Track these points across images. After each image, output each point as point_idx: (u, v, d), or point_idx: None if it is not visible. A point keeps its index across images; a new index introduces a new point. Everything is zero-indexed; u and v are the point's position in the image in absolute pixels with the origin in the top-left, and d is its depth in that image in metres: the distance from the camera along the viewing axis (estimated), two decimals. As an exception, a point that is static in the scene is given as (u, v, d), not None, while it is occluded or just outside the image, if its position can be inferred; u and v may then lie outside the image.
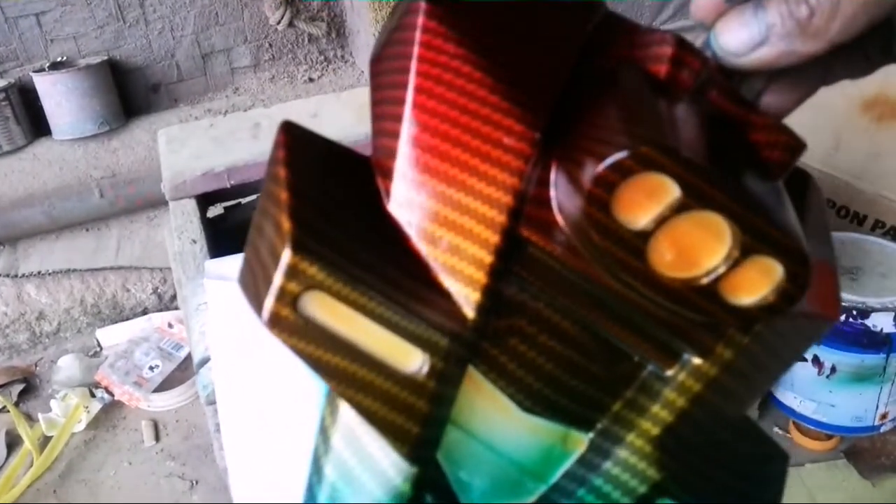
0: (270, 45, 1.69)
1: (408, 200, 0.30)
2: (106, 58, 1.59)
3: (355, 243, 0.29)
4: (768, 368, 0.34)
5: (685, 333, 0.31)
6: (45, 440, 1.43)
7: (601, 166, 0.26)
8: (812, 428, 1.28)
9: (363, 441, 0.30)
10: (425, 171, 0.29)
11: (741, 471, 0.36)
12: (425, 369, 0.29)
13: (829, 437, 1.28)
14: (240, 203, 1.26)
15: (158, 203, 1.56)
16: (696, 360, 0.31)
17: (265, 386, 0.69)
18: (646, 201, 0.27)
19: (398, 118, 0.30)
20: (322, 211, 0.29)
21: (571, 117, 0.29)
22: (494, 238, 0.29)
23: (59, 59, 1.58)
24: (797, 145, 0.31)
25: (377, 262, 0.29)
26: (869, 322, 1.13)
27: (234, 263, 0.84)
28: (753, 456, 0.36)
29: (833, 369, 1.20)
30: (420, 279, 0.29)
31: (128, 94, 1.64)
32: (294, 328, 0.27)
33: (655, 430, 0.32)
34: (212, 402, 0.72)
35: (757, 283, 0.28)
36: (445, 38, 0.29)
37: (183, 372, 1.55)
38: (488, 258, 0.29)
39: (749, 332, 0.31)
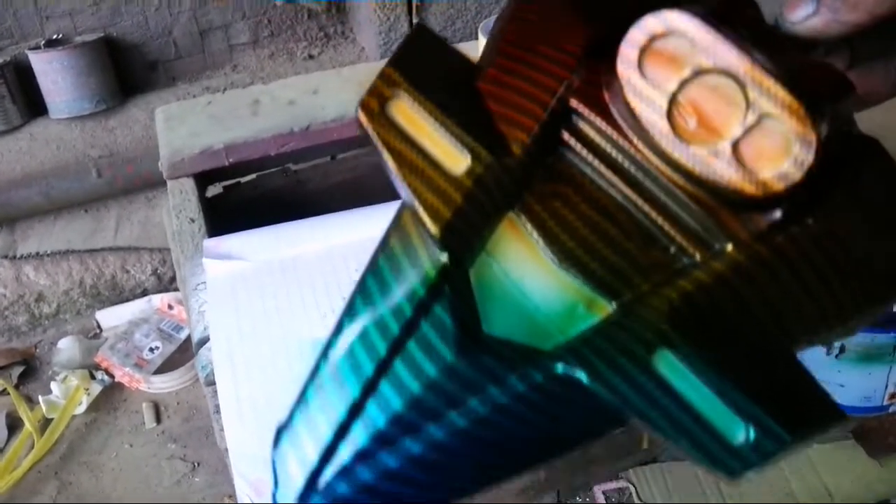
0: (269, 22, 1.66)
1: (490, 76, 0.38)
2: (102, 35, 1.56)
3: (441, 83, 0.37)
4: (808, 290, 0.34)
5: (719, 216, 0.34)
6: (46, 422, 1.42)
7: (632, 28, 0.31)
8: (820, 408, 1.27)
9: (412, 238, 0.38)
10: (503, 52, 0.38)
11: (759, 376, 0.36)
12: (467, 170, 0.36)
13: (837, 417, 1.27)
14: (239, 182, 1.24)
15: (157, 183, 1.54)
16: (728, 247, 0.33)
17: (265, 365, 0.68)
18: (670, 66, 0.32)
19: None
20: (421, 62, 0.38)
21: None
22: (547, 99, 0.36)
23: (54, 37, 1.55)
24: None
25: (453, 97, 0.37)
26: (879, 300, 1.12)
27: (232, 242, 0.82)
28: (784, 383, 0.36)
29: (842, 349, 1.18)
30: (486, 122, 0.37)
31: (125, 72, 1.61)
32: (377, 119, 0.36)
33: (674, 295, 0.35)
34: (211, 383, 0.71)
35: (772, 153, 0.31)
36: None
37: (183, 353, 1.53)
38: (541, 114, 0.36)
39: (786, 226, 0.33)
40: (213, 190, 1.22)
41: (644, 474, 1.20)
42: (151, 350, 1.54)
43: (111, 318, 1.67)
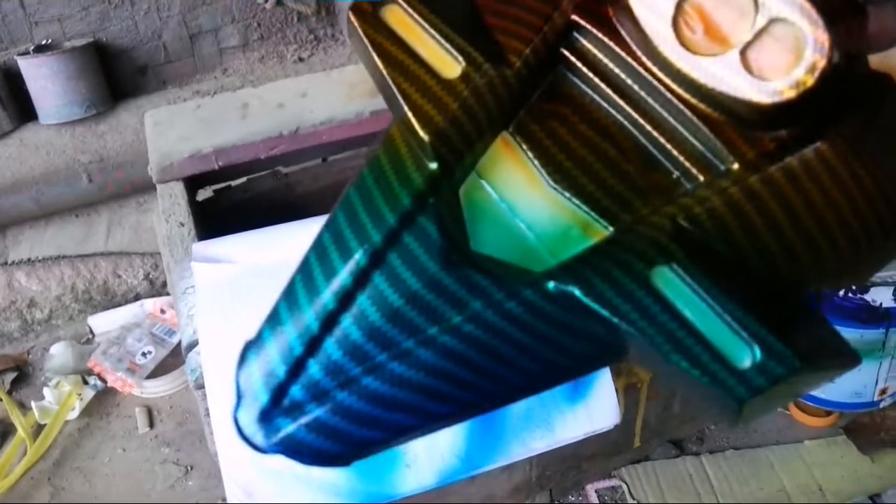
0: (259, 25, 1.66)
1: None
2: (91, 40, 1.56)
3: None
4: (824, 218, 0.33)
5: (725, 135, 0.32)
6: (39, 428, 1.41)
7: None
8: (811, 404, 1.27)
9: (399, 148, 0.35)
10: None
11: (766, 302, 0.34)
12: (462, 75, 0.34)
13: (829, 414, 1.28)
14: (229, 186, 1.24)
15: (148, 188, 1.54)
16: (734, 166, 0.32)
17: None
18: None
19: None
20: None
21: None
22: (548, 11, 0.34)
23: (43, 42, 1.55)
24: None
25: (450, 8, 0.35)
26: (868, 297, 1.12)
27: (222, 245, 0.82)
28: (790, 316, 0.34)
29: (832, 345, 1.19)
30: (483, 34, 0.35)
31: (115, 76, 1.61)
32: (369, 20, 0.35)
33: (677, 212, 0.33)
34: (200, 387, 0.71)
35: (783, 58, 0.29)
36: None
37: (176, 358, 1.53)
38: (541, 25, 0.34)
39: (795, 147, 0.31)
40: (204, 194, 1.22)
41: (636, 473, 1.20)
42: (144, 355, 1.54)
43: (103, 323, 1.67)
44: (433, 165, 0.35)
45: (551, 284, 0.34)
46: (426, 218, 0.36)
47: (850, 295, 1.13)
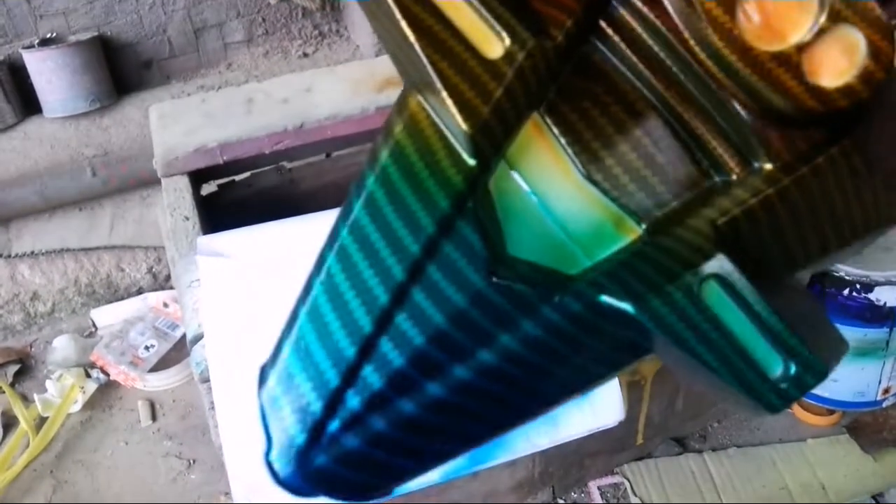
0: (263, 20, 1.66)
1: None
2: (96, 34, 1.56)
3: None
4: (839, 215, 0.32)
5: (762, 132, 0.30)
6: (41, 421, 1.42)
7: None
8: (814, 403, 1.27)
9: (425, 135, 0.31)
10: None
11: (791, 309, 0.33)
12: (506, 54, 0.30)
13: (831, 413, 1.28)
14: (233, 180, 1.24)
15: (152, 181, 1.54)
16: (768, 166, 0.30)
17: (258, 362, 0.68)
18: None
19: None
20: None
21: None
22: None
23: (48, 36, 1.55)
24: None
25: None
26: (872, 296, 1.12)
27: (226, 239, 0.82)
28: (800, 314, 0.33)
29: (835, 344, 1.18)
30: (521, 4, 0.31)
31: (119, 70, 1.61)
32: None
33: (717, 216, 0.31)
34: (205, 380, 0.71)
35: (840, 63, 0.28)
36: None
37: (179, 351, 1.53)
38: None
39: (824, 147, 0.30)
40: (208, 188, 1.22)
41: (639, 470, 1.20)
42: (147, 348, 1.54)
43: (106, 316, 1.67)
44: (472, 162, 0.31)
45: (603, 298, 0.32)
46: (465, 223, 0.32)
47: (854, 294, 1.13)
